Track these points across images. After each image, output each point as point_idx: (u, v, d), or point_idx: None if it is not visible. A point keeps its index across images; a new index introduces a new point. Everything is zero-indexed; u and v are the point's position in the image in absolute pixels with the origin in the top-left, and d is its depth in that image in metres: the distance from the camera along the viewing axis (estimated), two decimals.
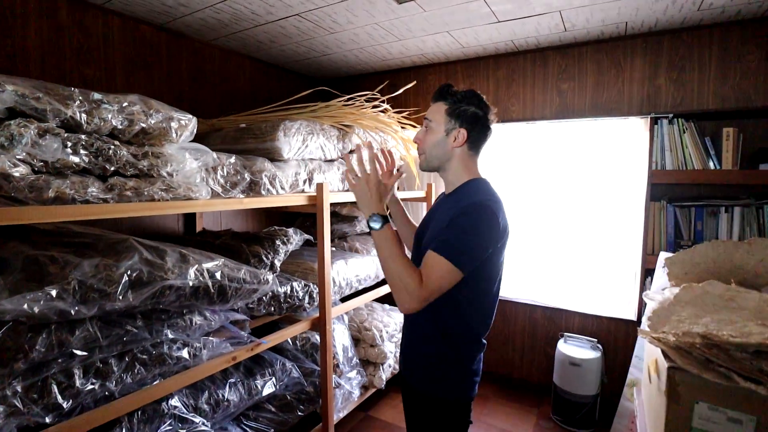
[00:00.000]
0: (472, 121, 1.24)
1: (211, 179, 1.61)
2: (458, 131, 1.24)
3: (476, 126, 1.24)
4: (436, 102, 1.29)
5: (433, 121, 1.27)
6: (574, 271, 2.72)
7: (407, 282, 1.09)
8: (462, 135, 1.24)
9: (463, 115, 1.23)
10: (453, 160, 1.28)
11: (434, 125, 1.27)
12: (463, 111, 1.23)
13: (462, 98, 1.24)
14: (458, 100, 1.24)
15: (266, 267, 1.83)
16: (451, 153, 1.27)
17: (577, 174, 2.66)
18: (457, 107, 1.24)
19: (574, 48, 2.57)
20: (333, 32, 2.41)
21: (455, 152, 1.27)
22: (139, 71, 2.24)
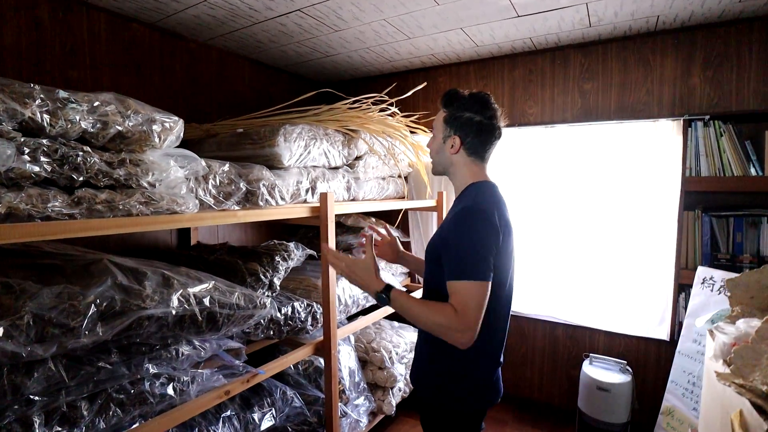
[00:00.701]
0: (466, 127, 1.23)
1: (201, 189, 1.43)
2: (453, 138, 1.25)
3: (470, 132, 1.23)
4: (441, 109, 1.30)
5: (435, 129, 1.32)
6: (599, 286, 2.51)
7: (442, 323, 1.06)
8: (456, 142, 1.24)
9: (457, 122, 1.24)
10: (454, 166, 1.28)
11: (435, 132, 1.31)
12: (458, 118, 1.24)
13: (461, 105, 1.24)
14: (456, 107, 1.24)
15: (264, 287, 1.64)
16: (450, 159, 1.28)
17: (602, 181, 2.46)
18: (452, 114, 1.25)
19: (597, 46, 2.39)
20: (337, 30, 2.24)
21: (454, 159, 1.27)
22: (129, 73, 2.08)
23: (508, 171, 2.71)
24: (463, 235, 1.09)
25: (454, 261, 1.09)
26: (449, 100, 1.26)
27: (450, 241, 1.12)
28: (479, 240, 1.08)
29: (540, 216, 2.65)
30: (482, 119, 1.22)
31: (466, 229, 1.10)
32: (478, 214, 1.11)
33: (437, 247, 1.20)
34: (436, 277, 1.20)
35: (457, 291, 1.06)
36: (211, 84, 2.49)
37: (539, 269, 2.68)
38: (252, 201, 1.65)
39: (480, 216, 1.10)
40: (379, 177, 2.51)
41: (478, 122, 1.22)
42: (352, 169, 2.31)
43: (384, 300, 1.18)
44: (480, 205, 1.13)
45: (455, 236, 1.11)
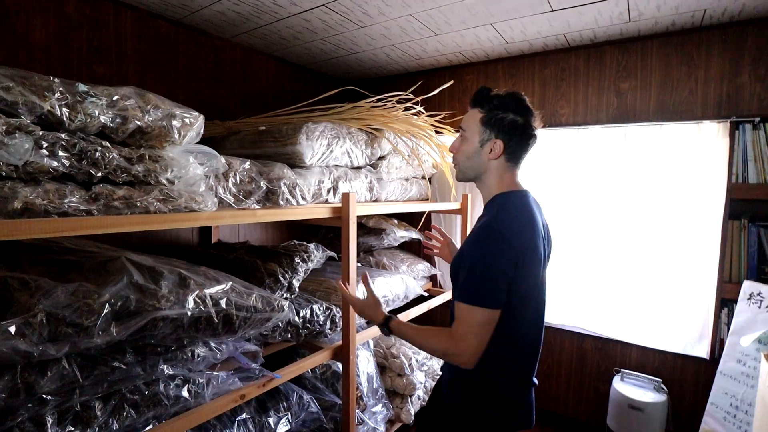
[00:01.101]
0: (510, 130, 1.13)
1: (221, 187, 1.40)
2: (494, 142, 1.14)
3: (514, 136, 1.13)
4: (472, 108, 1.19)
5: (468, 131, 1.19)
6: (632, 296, 2.37)
7: (439, 348, 1.09)
8: (498, 146, 1.14)
9: (500, 123, 1.13)
10: (489, 172, 1.18)
11: (469, 135, 1.18)
12: (500, 119, 1.12)
13: (499, 104, 1.13)
14: (495, 107, 1.13)
15: (283, 288, 1.60)
16: (486, 165, 1.17)
17: (639, 187, 2.33)
18: (493, 115, 1.13)
19: (636, 42, 2.26)
20: (362, 26, 2.18)
21: (491, 164, 1.17)
22: (154, 69, 2.08)
23: (538, 175, 2.60)
24: (477, 255, 1.05)
25: (464, 282, 1.06)
26: (485, 98, 1.15)
27: (465, 260, 1.08)
28: (491, 263, 1.02)
29: (570, 222, 2.53)
30: (525, 121, 1.13)
31: (480, 250, 1.05)
32: (494, 234, 1.04)
33: (455, 267, 1.15)
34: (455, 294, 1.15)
35: (459, 314, 1.06)
36: (235, 81, 2.48)
37: (567, 277, 2.56)
38: (272, 200, 1.61)
39: (495, 236, 1.04)
40: (402, 178, 2.45)
41: (521, 125, 1.12)
42: (374, 170, 2.26)
43: (386, 331, 1.25)
44: (499, 224, 1.06)
45: (470, 256, 1.06)
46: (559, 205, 2.55)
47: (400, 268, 2.64)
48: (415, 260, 2.82)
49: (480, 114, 1.15)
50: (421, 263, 2.81)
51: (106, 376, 1.06)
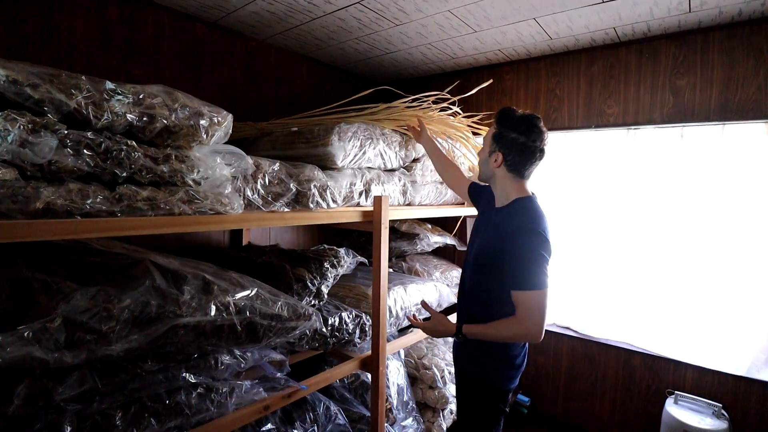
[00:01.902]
0: (509, 146, 1.37)
1: (249, 189, 1.35)
2: (497, 154, 1.40)
3: (512, 152, 1.37)
4: (494, 124, 1.44)
5: (484, 141, 1.49)
6: (689, 310, 2.16)
7: (514, 333, 1.31)
8: (499, 158, 1.39)
9: (504, 140, 1.38)
10: (496, 178, 1.45)
11: (484, 144, 1.49)
12: (505, 137, 1.38)
13: (509, 125, 1.37)
14: (506, 126, 1.38)
15: (311, 294, 1.54)
16: (493, 171, 1.44)
17: (697, 191, 2.12)
18: (500, 132, 1.39)
19: (696, 35, 2.07)
20: (398, 24, 2.11)
21: (497, 172, 1.43)
22: (189, 71, 2.08)
23: (582, 177, 2.43)
24: (525, 253, 1.27)
25: (517, 274, 1.28)
26: (501, 117, 1.40)
27: (508, 256, 1.30)
28: (539, 255, 1.26)
29: (619, 227, 2.35)
30: (526, 141, 1.35)
31: (528, 249, 1.27)
32: (535, 233, 1.28)
33: (489, 258, 1.39)
34: (487, 283, 1.41)
35: (523, 300, 1.26)
36: (269, 83, 2.46)
37: (615, 288, 2.38)
38: (302, 203, 1.55)
39: (537, 235, 1.28)
40: (437, 181, 2.35)
41: (521, 143, 1.35)
42: (408, 172, 2.17)
43: (462, 339, 1.40)
44: (536, 225, 1.30)
45: (516, 253, 1.28)
46: (606, 210, 2.37)
47: (433, 275, 2.54)
48: (449, 266, 2.71)
49: (494, 129, 1.42)
50: (455, 270, 2.70)
51: (126, 383, 1.03)
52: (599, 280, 2.41)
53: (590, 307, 2.45)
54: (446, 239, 2.61)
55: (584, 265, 2.46)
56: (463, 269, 1.60)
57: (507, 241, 1.31)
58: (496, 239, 1.37)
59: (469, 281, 1.50)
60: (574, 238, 2.48)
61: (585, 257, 2.45)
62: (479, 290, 1.45)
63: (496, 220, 1.43)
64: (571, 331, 2.52)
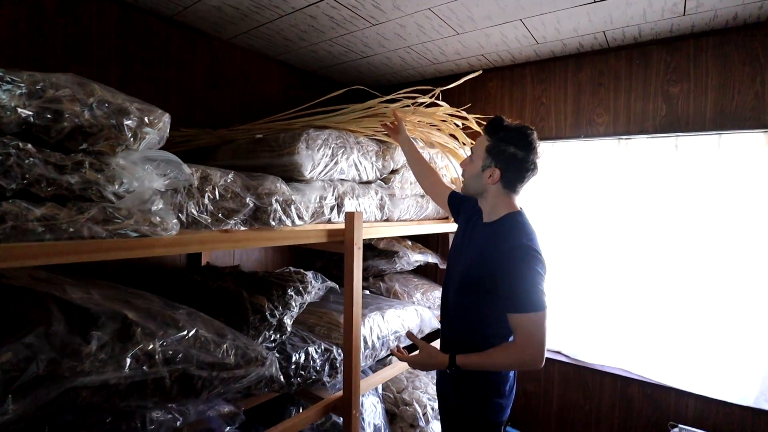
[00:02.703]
0: (506, 162, 1.26)
1: (194, 205, 1.13)
2: (493, 170, 1.28)
3: (511, 167, 1.26)
4: (484, 134, 1.32)
5: (474, 153, 1.35)
6: (690, 334, 2.01)
7: (514, 361, 1.20)
8: (496, 174, 1.27)
9: (501, 155, 1.26)
10: (488, 193, 1.32)
11: (475, 158, 1.34)
12: (502, 151, 1.26)
13: (505, 136, 1.26)
14: (500, 138, 1.27)
15: (271, 328, 1.31)
16: (486, 187, 1.31)
17: (693, 206, 1.99)
18: (497, 145, 1.27)
19: (688, 40, 1.96)
20: (374, 24, 1.94)
21: (490, 188, 1.31)
22: (142, 71, 1.86)
23: (572, 190, 2.28)
24: (521, 271, 1.18)
25: (514, 295, 1.18)
26: (494, 128, 1.28)
27: (503, 275, 1.20)
28: (537, 274, 1.17)
29: (611, 244, 2.20)
30: (525, 156, 1.25)
31: (524, 267, 1.18)
32: (531, 251, 1.19)
33: (478, 278, 1.27)
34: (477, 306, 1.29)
35: (522, 323, 1.16)
36: (235, 87, 2.25)
37: (608, 309, 2.21)
38: (262, 220, 1.33)
39: (533, 253, 1.19)
40: (417, 194, 2.16)
41: (520, 159, 1.25)
42: (386, 184, 1.98)
43: (456, 370, 1.25)
44: (532, 244, 1.21)
45: (511, 273, 1.18)
46: (597, 226, 2.22)
47: (413, 296, 2.34)
48: (430, 286, 2.51)
49: (487, 142, 1.29)
50: (437, 290, 2.50)
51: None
52: (592, 300, 2.25)
53: (583, 329, 2.28)
54: (428, 257, 2.41)
55: (575, 284, 2.30)
56: (445, 290, 1.46)
57: (500, 259, 1.21)
58: (486, 258, 1.26)
59: (455, 303, 1.37)
60: (564, 255, 2.32)
61: (576, 275, 2.29)
62: (469, 314, 1.33)
63: (485, 236, 1.32)
64: (562, 356, 2.34)
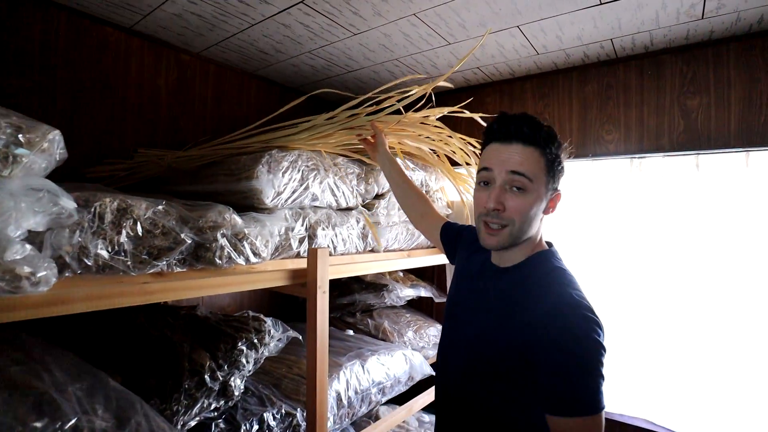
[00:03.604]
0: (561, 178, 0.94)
1: (102, 245, 0.90)
2: (557, 194, 0.94)
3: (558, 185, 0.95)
4: (527, 146, 0.88)
5: (535, 180, 0.88)
6: (723, 378, 1.73)
7: None
8: (558, 199, 0.95)
9: (560, 170, 0.92)
10: (535, 231, 0.94)
11: (535, 185, 0.88)
12: (561, 167, 0.93)
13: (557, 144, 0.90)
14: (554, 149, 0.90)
15: (210, 395, 1.06)
16: (538, 224, 0.94)
17: (718, 232, 1.74)
18: (556, 160, 0.90)
19: (707, 48, 1.75)
20: (356, 32, 1.74)
21: (540, 222, 0.95)
22: (97, 87, 1.66)
23: (579, 218, 2.04)
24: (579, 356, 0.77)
25: (564, 390, 0.77)
26: (541, 133, 0.88)
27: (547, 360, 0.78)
28: (599, 361, 0.77)
29: (624, 275, 1.94)
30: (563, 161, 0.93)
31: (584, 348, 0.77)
32: (590, 320, 0.78)
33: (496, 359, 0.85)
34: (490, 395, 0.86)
35: (574, 429, 0.76)
36: (207, 107, 2.05)
37: (629, 349, 1.94)
38: (205, 258, 1.10)
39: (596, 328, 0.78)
40: (407, 221, 1.93)
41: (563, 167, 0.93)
42: (370, 211, 1.75)
43: None
44: (586, 305, 0.80)
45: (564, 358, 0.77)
46: (612, 255, 1.97)
47: (405, 335, 2.08)
48: (425, 322, 2.25)
49: (543, 156, 0.88)
50: (432, 327, 2.24)
51: None
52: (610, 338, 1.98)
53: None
54: (420, 291, 2.16)
55: None
56: (444, 356, 1.02)
57: (539, 331, 0.79)
58: (512, 329, 0.85)
59: (461, 382, 0.93)
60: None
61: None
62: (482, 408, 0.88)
63: (504, 291, 0.92)
64: None
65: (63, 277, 0.85)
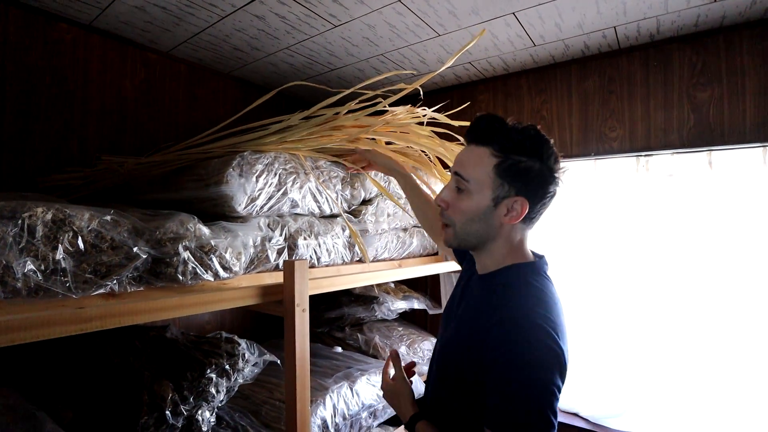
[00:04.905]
0: (531, 183, 0.80)
1: (31, 263, 0.75)
2: (514, 200, 0.81)
3: (538, 192, 0.81)
4: (478, 146, 0.83)
5: (473, 180, 0.83)
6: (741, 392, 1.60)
7: None
8: (519, 207, 0.81)
9: (525, 175, 0.80)
10: (499, 239, 0.85)
11: (474, 186, 0.83)
12: (526, 169, 0.79)
13: (518, 144, 0.79)
14: (514, 148, 0.80)
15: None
16: (497, 231, 0.84)
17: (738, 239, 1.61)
18: (514, 161, 0.79)
19: (717, 36, 1.63)
20: (337, 24, 1.61)
21: (504, 229, 0.84)
22: (53, 88, 1.51)
23: (581, 221, 1.91)
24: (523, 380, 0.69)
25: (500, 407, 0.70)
26: (499, 133, 0.81)
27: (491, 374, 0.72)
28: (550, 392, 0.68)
29: (632, 280, 1.81)
30: (550, 172, 0.82)
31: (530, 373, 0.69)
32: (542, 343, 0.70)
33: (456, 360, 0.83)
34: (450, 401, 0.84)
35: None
36: (178, 110, 1.90)
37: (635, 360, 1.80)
38: (166, 275, 0.96)
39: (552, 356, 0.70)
40: (398, 228, 1.79)
41: (541, 173, 0.81)
42: (357, 218, 1.61)
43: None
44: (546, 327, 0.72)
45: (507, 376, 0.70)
46: (618, 260, 1.84)
47: (398, 350, 1.92)
48: (419, 336, 2.10)
49: (494, 157, 0.81)
50: (427, 340, 2.09)
51: None
52: (615, 348, 1.84)
53: (605, 385, 1.86)
54: (413, 303, 2.02)
55: (594, 330, 1.89)
56: (430, 365, 1.03)
57: (490, 344, 0.74)
58: (471, 331, 0.81)
59: (434, 390, 0.94)
60: (578, 294, 1.92)
61: (595, 319, 1.89)
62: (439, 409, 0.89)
63: (476, 296, 0.88)
64: (579, 419, 1.91)
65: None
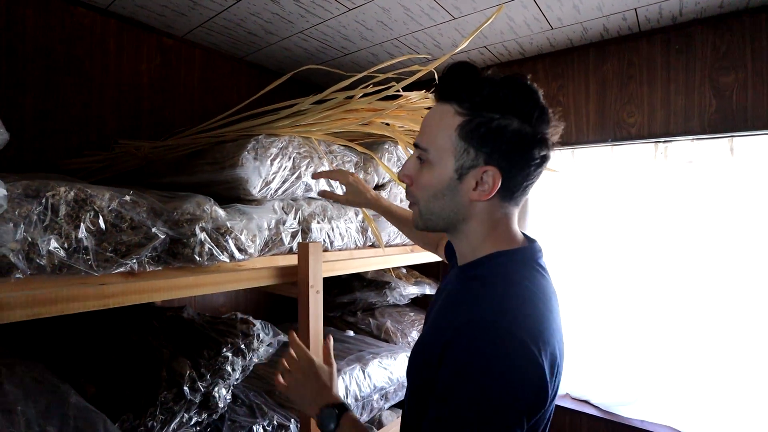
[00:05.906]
0: (513, 148, 0.62)
1: (55, 241, 0.77)
2: (484, 171, 0.63)
3: (518, 157, 0.63)
4: (443, 103, 0.66)
5: (431, 149, 0.67)
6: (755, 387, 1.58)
7: None
8: (491, 179, 0.63)
9: (495, 136, 0.62)
10: (472, 220, 0.68)
11: (433, 155, 0.67)
12: (496, 130, 0.61)
13: (492, 98, 0.62)
14: (484, 103, 0.62)
15: (191, 408, 0.94)
16: (467, 210, 0.67)
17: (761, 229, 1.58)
18: (482, 120, 0.62)
19: (743, 18, 1.58)
20: (351, 7, 1.60)
21: (476, 208, 0.67)
22: (69, 73, 1.54)
23: (596, 210, 1.89)
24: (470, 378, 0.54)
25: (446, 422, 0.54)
26: (467, 86, 0.63)
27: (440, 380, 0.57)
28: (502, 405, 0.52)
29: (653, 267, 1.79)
30: (533, 132, 0.63)
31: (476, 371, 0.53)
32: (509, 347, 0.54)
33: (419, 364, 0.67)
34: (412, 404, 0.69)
35: None
36: (194, 95, 1.92)
37: (649, 345, 1.79)
38: (183, 255, 0.98)
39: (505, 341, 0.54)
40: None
41: (530, 139, 0.62)
42: None
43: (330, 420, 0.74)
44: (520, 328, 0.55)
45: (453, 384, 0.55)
46: (635, 248, 1.82)
47: (409, 336, 1.94)
48: None
49: (458, 116, 0.64)
50: None
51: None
52: (629, 333, 1.83)
53: (617, 372, 1.86)
54: (425, 289, 2.03)
55: (607, 314, 1.88)
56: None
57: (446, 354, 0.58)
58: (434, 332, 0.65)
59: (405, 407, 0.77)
60: (591, 282, 1.91)
61: (607, 304, 1.88)
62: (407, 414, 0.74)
63: (450, 291, 0.72)
64: (590, 407, 1.91)
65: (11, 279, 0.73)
